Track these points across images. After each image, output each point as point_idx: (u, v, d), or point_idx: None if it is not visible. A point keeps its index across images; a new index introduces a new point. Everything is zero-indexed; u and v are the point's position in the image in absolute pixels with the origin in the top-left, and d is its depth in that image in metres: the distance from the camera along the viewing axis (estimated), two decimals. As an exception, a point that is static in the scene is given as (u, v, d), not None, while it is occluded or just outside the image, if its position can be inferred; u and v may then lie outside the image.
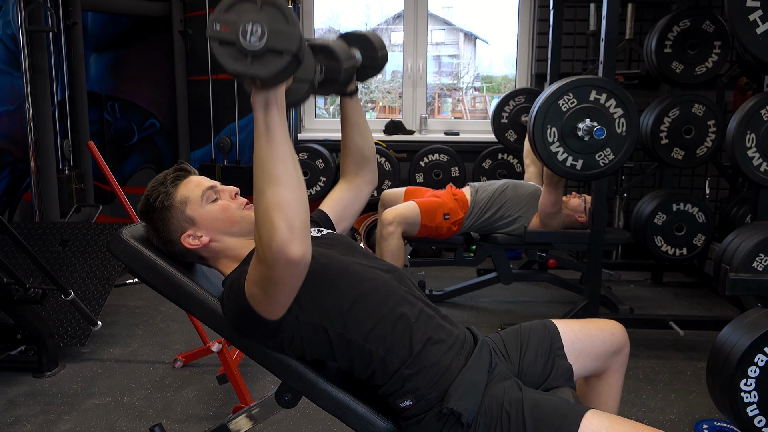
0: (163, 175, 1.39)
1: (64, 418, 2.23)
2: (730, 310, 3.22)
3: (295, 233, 1.01)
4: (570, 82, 2.41)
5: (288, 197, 1.01)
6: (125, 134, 4.53)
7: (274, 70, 0.95)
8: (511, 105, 4.02)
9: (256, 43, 0.93)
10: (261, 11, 0.94)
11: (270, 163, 1.02)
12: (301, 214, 1.02)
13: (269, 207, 1.01)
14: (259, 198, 1.03)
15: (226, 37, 0.94)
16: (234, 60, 0.95)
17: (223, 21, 0.94)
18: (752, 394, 1.69)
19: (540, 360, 1.39)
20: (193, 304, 1.36)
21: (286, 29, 0.94)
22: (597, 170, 2.47)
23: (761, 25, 2.10)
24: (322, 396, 1.29)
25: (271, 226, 1.01)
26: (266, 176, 1.02)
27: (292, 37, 0.94)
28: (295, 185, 1.02)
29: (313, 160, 4.25)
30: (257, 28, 0.93)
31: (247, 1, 0.95)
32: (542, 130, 2.42)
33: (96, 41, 4.40)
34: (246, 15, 0.94)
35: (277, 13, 0.95)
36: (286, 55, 0.95)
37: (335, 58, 1.30)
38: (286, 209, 1.00)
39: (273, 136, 1.01)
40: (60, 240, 3.02)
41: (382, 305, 1.25)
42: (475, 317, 3.28)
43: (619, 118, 2.41)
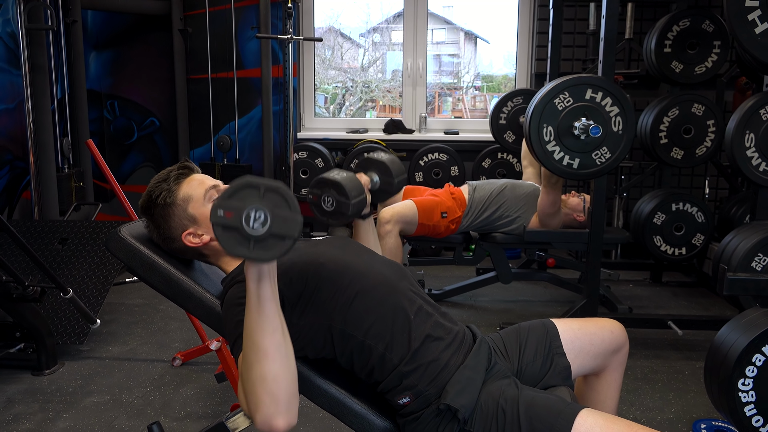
0: (166, 172, 1.39)
1: (63, 416, 2.23)
2: (728, 310, 3.22)
3: (280, 406, 1.02)
4: (565, 80, 2.41)
5: (275, 370, 1.02)
6: (125, 132, 4.53)
7: (275, 255, 0.98)
8: (509, 106, 4.03)
9: (259, 229, 0.96)
10: (264, 197, 0.96)
11: (260, 335, 1.02)
12: (287, 386, 1.03)
13: (256, 380, 1.02)
14: (246, 369, 1.04)
15: (230, 223, 0.96)
16: (237, 244, 0.96)
17: (226, 207, 0.96)
18: (750, 394, 1.69)
19: (539, 359, 1.39)
20: (191, 302, 1.36)
21: (289, 216, 0.97)
22: (594, 169, 2.47)
23: (760, 25, 2.10)
24: (319, 394, 1.29)
25: (256, 399, 1.02)
26: (255, 348, 1.02)
27: (294, 224, 0.97)
28: (283, 357, 1.03)
29: (312, 159, 4.25)
30: (260, 214, 0.96)
31: (250, 188, 0.97)
32: (539, 129, 2.42)
33: (96, 39, 4.41)
34: (249, 201, 0.96)
35: (280, 200, 0.97)
36: (288, 240, 0.97)
37: (345, 195, 1.41)
38: (272, 382, 1.01)
39: (264, 308, 1.02)
40: (59, 238, 3.02)
41: (381, 302, 1.26)
42: (474, 316, 3.28)
43: (615, 116, 2.40)
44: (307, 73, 4.61)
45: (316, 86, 4.75)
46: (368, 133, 4.50)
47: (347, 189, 1.41)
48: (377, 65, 5.45)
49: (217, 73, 4.38)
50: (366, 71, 5.42)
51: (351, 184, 1.43)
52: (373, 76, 5.42)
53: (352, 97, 5.34)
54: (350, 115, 5.21)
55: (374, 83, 5.36)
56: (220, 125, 4.44)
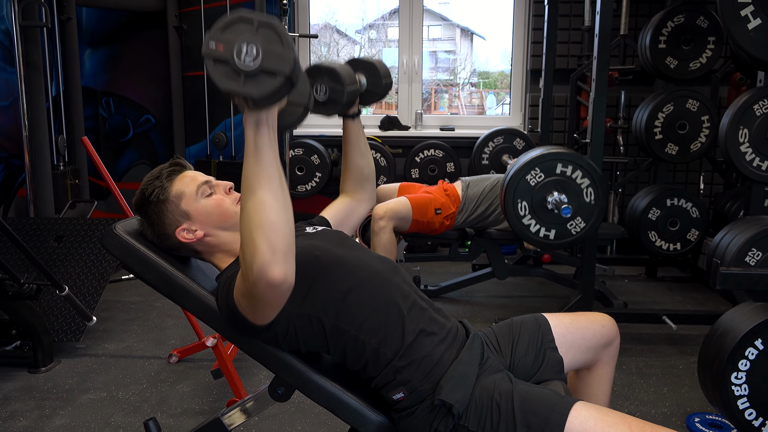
0: (159, 169, 1.40)
1: (59, 413, 2.23)
2: (723, 305, 3.23)
3: (278, 255, 1.00)
4: (536, 156, 2.51)
5: (272, 218, 1.01)
6: (120, 130, 4.53)
7: (266, 91, 0.96)
8: (491, 146, 4.10)
9: (251, 63, 0.94)
10: (257, 32, 0.95)
11: (257, 183, 1.01)
12: (285, 235, 1.02)
13: (252, 227, 1.01)
14: (243, 217, 1.03)
15: (221, 55, 0.94)
16: (227, 78, 0.95)
17: (219, 39, 0.94)
18: (743, 387, 1.70)
19: (531, 353, 1.40)
20: (187, 299, 1.36)
21: (281, 51, 0.95)
22: (570, 238, 2.57)
23: (752, 21, 2.10)
24: (315, 389, 1.29)
25: (253, 246, 1.01)
26: (252, 195, 1.01)
27: (286, 60, 0.95)
28: (281, 207, 1.02)
29: (308, 156, 4.25)
30: (252, 48, 0.94)
31: (243, 22, 0.95)
32: (514, 204, 2.53)
33: (90, 36, 4.40)
34: (242, 35, 0.94)
35: (273, 35, 0.95)
36: (279, 76, 0.95)
37: (339, 81, 1.37)
38: (269, 230, 1.00)
39: (261, 156, 1.01)
40: (55, 236, 3.02)
41: (375, 296, 1.26)
42: (470, 312, 3.29)
43: (586, 188, 2.50)
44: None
45: (311, 83, 4.74)
46: (364, 130, 4.49)
47: (342, 75, 1.37)
48: (373, 62, 5.44)
49: (213, 70, 4.37)
50: (362, 68, 5.41)
51: (345, 71, 1.40)
52: (369, 73, 5.41)
53: (348, 93, 5.34)
54: (346, 112, 5.20)
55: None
56: (216, 122, 4.44)
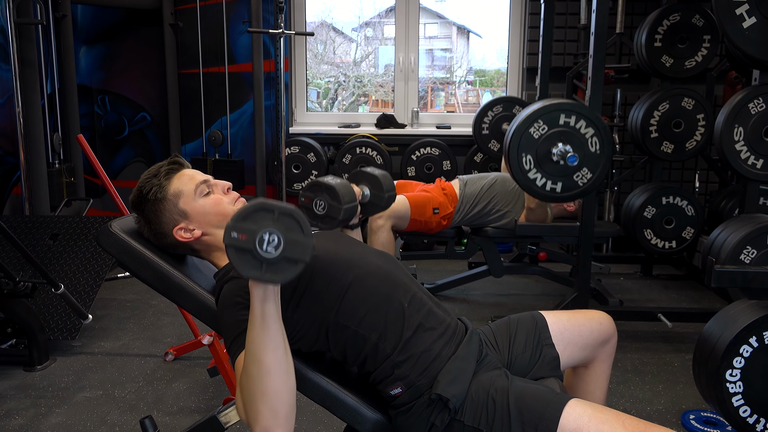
0: (157, 167, 1.39)
1: (55, 411, 2.23)
2: (718, 303, 3.24)
3: (279, 419, 1.04)
4: (538, 109, 2.46)
5: (276, 387, 1.04)
6: (116, 128, 4.51)
7: (287, 278, 1.00)
8: (490, 116, 4.08)
9: (272, 252, 0.98)
10: (277, 221, 0.98)
11: (263, 351, 1.04)
12: (287, 401, 1.05)
13: (257, 393, 1.04)
14: (247, 381, 1.06)
15: (243, 245, 0.97)
16: (250, 267, 0.98)
17: (241, 230, 0.97)
18: (737, 385, 1.71)
19: (528, 350, 1.40)
20: (183, 297, 1.36)
21: (302, 240, 0.99)
22: (577, 191, 2.52)
23: (747, 19, 2.11)
24: (310, 387, 1.29)
25: (256, 412, 1.04)
26: (257, 363, 1.04)
27: (307, 248, 0.99)
28: (284, 374, 1.05)
29: (304, 154, 4.25)
30: (274, 238, 0.97)
31: (264, 210, 0.98)
32: (518, 158, 2.47)
33: (86, 34, 4.38)
34: (263, 224, 0.98)
35: (293, 223, 0.99)
36: (300, 264, 0.99)
37: (337, 199, 1.43)
38: (273, 398, 1.04)
39: (268, 325, 1.05)
40: (50, 234, 3.01)
41: (375, 291, 1.27)
42: (466, 310, 3.29)
43: (591, 137, 2.45)
44: (299, 67, 4.60)
45: (308, 81, 4.74)
46: (360, 128, 4.49)
47: (340, 194, 1.43)
48: (370, 60, 5.45)
49: (209, 68, 4.36)
50: (358, 66, 5.42)
51: (344, 190, 1.46)
52: (365, 71, 5.42)
53: (344, 91, 5.34)
54: (343, 110, 5.20)
55: (367, 78, 5.36)
56: (212, 120, 4.43)
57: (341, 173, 4.15)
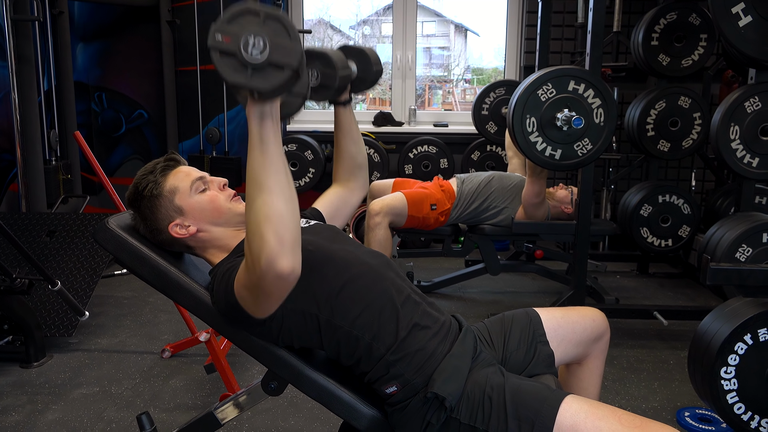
0: (153, 164, 1.40)
1: (52, 408, 2.23)
2: (713, 301, 3.26)
3: (285, 246, 1.00)
4: (548, 72, 2.43)
5: (280, 209, 1.01)
6: (113, 125, 4.51)
7: (274, 84, 0.95)
8: (492, 97, 4.07)
9: (258, 56, 0.94)
10: (264, 24, 0.94)
11: (263, 174, 1.02)
12: (292, 227, 1.02)
13: (260, 219, 1.01)
14: (250, 209, 1.03)
15: (228, 48, 0.93)
16: (234, 71, 0.94)
17: (225, 32, 0.94)
18: (732, 382, 1.72)
19: (522, 347, 1.41)
20: (180, 293, 1.37)
21: (288, 44, 0.95)
22: (575, 160, 2.49)
23: (743, 18, 2.12)
24: (307, 383, 1.30)
25: (260, 238, 1.01)
26: (258, 187, 1.02)
27: (294, 53, 0.95)
28: (287, 198, 1.02)
29: (302, 152, 4.25)
30: (259, 41, 0.93)
31: (250, 14, 0.94)
32: (521, 120, 2.44)
33: (83, 31, 4.37)
34: (248, 27, 0.94)
35: (280, 28, 0.95)
36: (287, 69, 0.95)
37: (331, 66, 1.35)
38: (277, 221, 1.00)
39: (267, 148, 1.02)
40: (47, 230, 3.01)
41: (369, 291, 1.26)
42: (462, 307, 3.30)
43: (597, 108, 2.43)
44: (297, 65, 4.59)
45: (305, 78, 4.73)
46: (355, 118, 4.49)
47: (334, 60, 1.37)
48: (367, 58, 5.44)
49: (206, 65, 4.36)
50: (355, 64, 5.41)
51: (337, 56, 1.40)
52: (362, 69, 5.41)
53: (341, 89, 5.33)
54: (340, 108, 5.19)
55: (364, 75, 5.35)
56: (209, 117, 4.43)
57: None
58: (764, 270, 1.69)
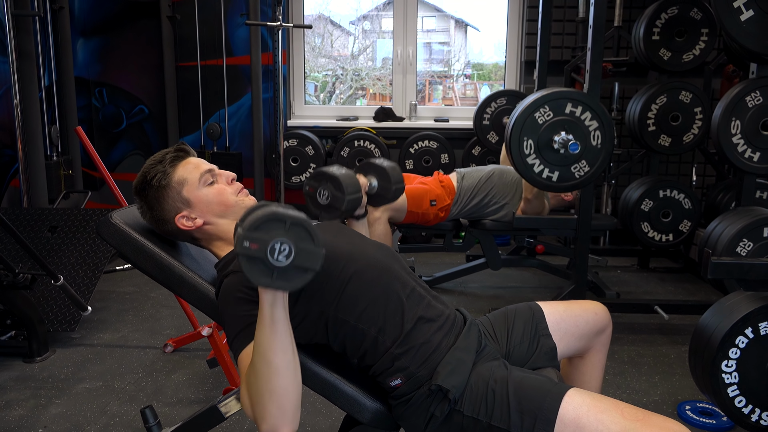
0: (162, 153, 1.39)
1: (55, 402, 2.24)
2: (714, 295, 3.26)
3: (287, 417, 1.07)
4: (546, 94, 2.46)
5: (285, 386, 1.06)
6: (113, 120, 4.51)
7: (296, 285, 1.02)
8: (493, 107, 4.11)
9: (283, 261, 0.99)
10: (289, 231, 1.00)
11: (271, 352, 1.06)
12: (294, 399, 1.08)
13: (264, 393, 1.06)
14: (255, 378, 1.07)
15: (255, 254, 0.98)
16: (260, 275, 1.00)
17: (252, 239, 0.98)
18: (733, 375, 1.72)
19: (525, 340, 1.41)
20: (183, 288, 1.37)
21: (312, 249, 1.01)
22: (573, 182, 2.53)
23: (745, 12, 2.12)
24: (310, 377, 1.30)
25: (263, 410, 1.06)
26: (267, 364, 1.06)
27: (317, 257, 1.01)
28: (292, 374, 1.08)
29: (302, 147, 4.25)
30: (285, 247, 0.99)
31: (276, 220, 1.00)
32: (519, 142, 2.47)
33: (83, 26, 4.37)
34: (274, 233, 0.99)
35: (304, 233, 1.01)
36: (310, 272, 1.02)
37: (341, 190, 1.43)
38: (281, 397, 1.06)
39: (277, 328, 1.06)
40: (49, 226, 3.01)
41: (374, 285, 1.27)
42: (464, 302, 3.31)
43: (594, 130, 2.46)
44: (297, 60, 4.60)
45: (306, 74, 4.74)
46: (358, 121, 4.50)
47: (344, 184, 1.43)
48: (367, 53, 5.44)
49: (207, 61, 4.36)
50: (356, 59, 5.41)
51: (348, 180, 1.46)
52: (363, 64, 5.41)
53: (342, 85, 5.33)
54: (340, 103, 5.20)
55: (364, 71, 5.35)
56: (210, 113, 4.43)
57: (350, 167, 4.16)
58: (764, 264, 1.70)
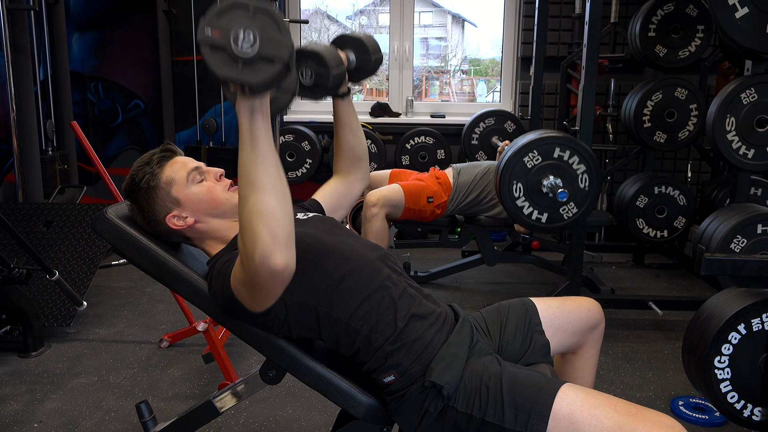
0: (149, 155, 1.39)
1: (50, 397, 2.24)
2: (708, 291, 3.27)
3: (279, 242, 1.00)
4: (535, 140, 2.51)
5: (272, 205, 1.00)
6: (109, 115, 4.49)
7: (264, 78, 0.95)
8: (481, 126, 4.14)
9: (248, 50, 0.94)
10: (253, 18, 0.94)
11: (254, 170, 1.01)
12: (285, 223, 1.01)
13: (252, 215, 1.00)
14: (242, 206, 1.03)
15: (218, 42, 0.93)
16: (224, 65, 0.95)
17: (215, 26, 0.94)
18: (725, 371, 1.74)
19: (519, 336, 1.42)
20: (178, 283, 1.37)
21: (279, 37, 0.95)
22: (561, 223, 2.60)
23: (740, 9, 2.12)
24: (305, 372, 1.31)
25: (253, 235, 1.00)
26: (250, 184, 1.01)
27: (284, 46, 0.95)
28: (279, 193, 1.02)
29: (298, 142, 4.25)
30: (249, 34, 0.93)
31: (239, 8, 0.94)
32: (509, 185, 2.53)
33: (78, 20, 4.34)
34: (238, 21, 0.94)
35: (270, 21, 0.95)
36: (278, 63, 0.95)
37: (324, 65, 1.34)
38: (270, 218, 1.00)
39: (258, 143, 1.01)
40: (44, 221, 3.01)
41: (367, 284, 1.27)
42: (459, 298, 3.31)
43: (582, 173, 2.52)
44: (294, 55, 4.58)
45: (302, 69, 4.72)
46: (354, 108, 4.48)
47: (327, 59, 1.35)
48: (364, 48, 5.42)
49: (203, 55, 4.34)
50: (353, 54, 5.39)
51: (330, 54, 1.37)
52: (359, 59, 5.39)
53: (338, 80, 5.32)
54: (337, 98, 5.18)
55: (361, 66, 5.34)
56: (206, 108, 4.41)
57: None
58: (758, 260, 1.70)
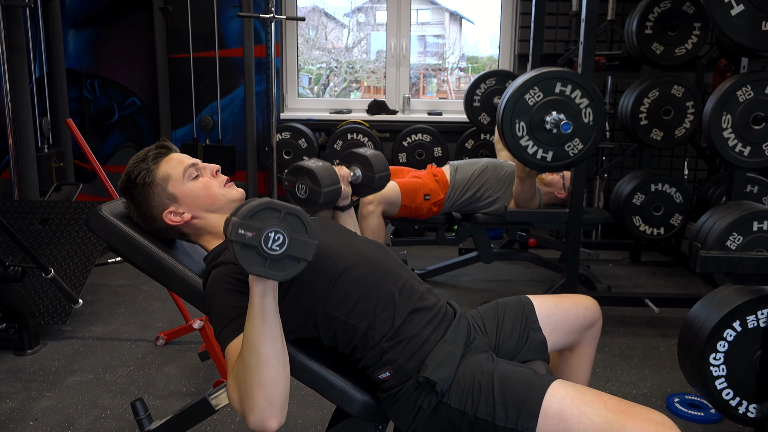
0: (145, 151, 1.39)
1: (46, 395, 2.24)
2: (704, 288, 3.26)
3: (275, 408, 1.07)
4: (535, 76, 2.44)
5: (274, 377, 1.07)
6: (105, 112, 4.48)
7: (288, 275, 1.04)
8: (483, 88, 4.10)
9: (277, 250, 1.01)
10: (283, 220, 1.02)
11: (261, 343, 1.06)
12: (283, 391, 1.08)
13: (253, 384, 1.06)
14: (244, 368, 1.07)
15: (250, 242, 1.00)
16: (253, 262, 1.01)
17: (248, 227, 1.00)
18: (721, 368, 1.74)
19: (515, 334, 1.42)
20: (173, 280, 1.37)
21: (306, 240, 1.03)
22: (567, 161, 2.53)
23: (735, 7, 2.12)
24: (300, 370, 1.31)
25: (252, 401, 1.06)
26: (256, 355, 1.06)
27: (310, 247, 1.04)
28: (281, 365, 1.08)
29: (295, 140, 4.24)
30: (279, 236, 1.01)
31: (271, 209, 1.02)
32: (511, 124, 2.46)
33: (74, 17, 4.33)
34: (269, 222, 1.01)
35: (299, 224, 1.03)
36: (303, 262, 1.04)
37: (317, 182, 1.44)
38: (270, 388, 1.06)
39: (267, 319, 1.07)
40: (40, 218, 3.00)
41: (364, 281, 1.27)
42: (456, 295, 3.32)
43: (585, 108, 2.45)
44: (290, 53, 4.58)
45: (299, 66, 4.72)
46: (351, 114, 4.49)
47: (320, 177, 1.45)
48: (361, 46, 5.42)
49: (199, 53, 4.33)
50: (350, 52, 5.39)
51: (324, 172, 1.47)
52: (357, 57, 5.39)
53: (336, 77, 5.32)
54: (334, 96, 5.19)
55: (358, 64, 5.33)
56: (203, 105, 4.41)
57: (332, 159, 4.15)
58: (753, 257, 1.71)
